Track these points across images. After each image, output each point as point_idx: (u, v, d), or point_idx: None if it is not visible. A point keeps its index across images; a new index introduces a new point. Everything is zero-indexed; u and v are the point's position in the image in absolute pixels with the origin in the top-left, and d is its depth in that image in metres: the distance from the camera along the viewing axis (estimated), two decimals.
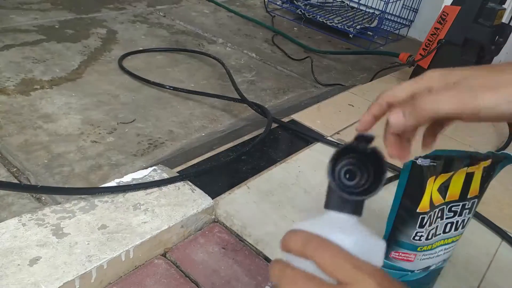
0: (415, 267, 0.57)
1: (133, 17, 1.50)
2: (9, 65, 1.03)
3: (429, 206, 0.52)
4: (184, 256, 0.62)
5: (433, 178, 0.51)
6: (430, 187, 0.52)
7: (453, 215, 0.54)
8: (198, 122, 0.95)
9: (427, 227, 0.53)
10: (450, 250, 0.57)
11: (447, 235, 0.55)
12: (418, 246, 0.55)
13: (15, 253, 0.53)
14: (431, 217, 0.53)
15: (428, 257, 0.56)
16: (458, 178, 0.52)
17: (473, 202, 0.54)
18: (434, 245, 0.56)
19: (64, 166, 0.74)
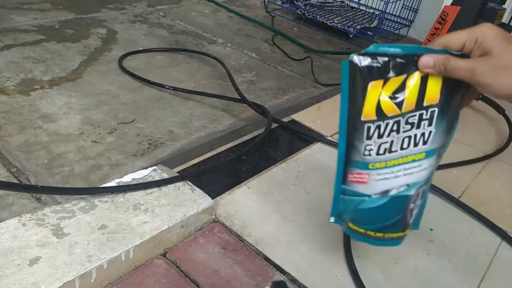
0: (371, 190, 0.50)
1: (133, 17, 1.50)
2: (9, 65, 1.03)
3: (375, 114, 0.46)
4: (184, 256, 0.62)
5: (379, 82, 0.45)
6: (376, 92, 0.45)
7: (410, 127, 0.46)
8: (198, 122, 0.95)
9: (375, 139, 0.47)
10: (414, 172, 0.48)
11: (406, 152, 0.47)
12: (369, 163, 0.48)
13: (15, 253, 0.53)
14: (381, 129, 0.46)
15: (385, 178, 0.48)
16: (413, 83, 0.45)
17: (432, 111, 0.45)
18: (389, 163, 0.48)
19: (64, 166, 0.75)
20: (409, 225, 0.52)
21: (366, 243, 0.55)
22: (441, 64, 0.43)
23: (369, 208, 0.50)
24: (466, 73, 0.42)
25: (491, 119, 1.23)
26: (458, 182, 0.90)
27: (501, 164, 1.01)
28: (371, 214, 0.51)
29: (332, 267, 0.64)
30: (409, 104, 0.45)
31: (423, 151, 0.47)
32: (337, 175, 0.52)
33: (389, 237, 0.52)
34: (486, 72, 0.41)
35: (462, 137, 1.09)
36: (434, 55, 0.44)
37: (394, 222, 0.51)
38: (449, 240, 0.74)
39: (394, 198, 0.49)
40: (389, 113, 0.45)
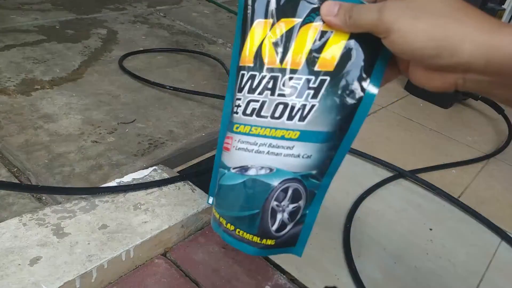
0: (231, 161, 0.39)
1: (134, 18, 1.50)
2: (9, 65, 1.03)
3: (252, 60, 0.36)
4: (184, 256, 0.62)
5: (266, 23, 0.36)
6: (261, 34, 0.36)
7: (289, 92, 0.36)
8: (199, 122, 0.95)
9: (246, 92, 0.37)
10: (281, 154, 0.37)
11: (277, 123, 0.36)
12: (234, 123, 0.39)
13: (16, 252, 0.53)
14: (254, 80, 0.37)
15: (246, 148, 0.38)
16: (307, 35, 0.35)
17: (322, 80, 0.35)
18: (254, 130, 0.37)
19: (64, 166, 0.75)
20: (270, 233, 0.40)
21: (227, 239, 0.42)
22: (347, 11, 0.34)
23: (226, 185, 0.40)
24: (374, 17, 0.32)
25: (491, 119, 1.23)
26: (458, 182, 0.91)
27: (501, 164, 1.01)
28: (226, 194, 0.40)
29: (332, 267, 0.64)
30: (295, 61, 0.35)
31: (297, 130, 0.36)
32: (218, 143, 0.42)
33: (241, 236, 0.41)
34: (398, 12, 0.31)
35: (461, 137, 1.09)
36: (341, 2, 0.35)
37: (249, 216, 0.40)
38: (448, 240, 0.74)
39: (252, 180, 0.38)
40: (268, 63, 0.36)
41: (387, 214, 0.78)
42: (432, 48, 0.30)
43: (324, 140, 0.37)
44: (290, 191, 0.39)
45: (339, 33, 0.35)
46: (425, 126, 1.12)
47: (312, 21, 0.35)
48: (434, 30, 0.30)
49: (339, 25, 0.35)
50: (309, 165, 0.38)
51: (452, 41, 0.29)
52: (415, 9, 0.31)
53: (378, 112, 1.14)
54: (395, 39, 0.31)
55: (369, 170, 0.89)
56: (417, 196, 0.84)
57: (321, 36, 0.35)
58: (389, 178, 0.87)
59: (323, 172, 0.39)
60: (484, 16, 0.30)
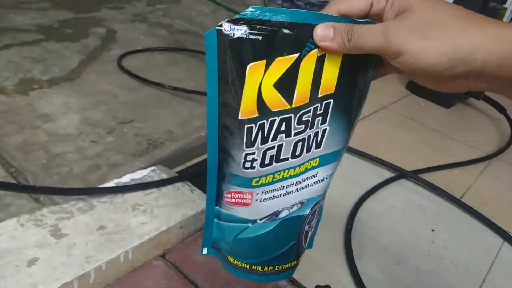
0: (256, 214, 0.38)
1: (133, 17, 1.49)
2: (7, 65, 1.03)
3: (256, 109, 0.33)
4: (183, 257, 0.62)
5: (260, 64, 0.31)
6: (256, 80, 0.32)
7: (304, 128, 0.34)
8: (198, 122, 0.94)
9: (259, 145, 0.34)
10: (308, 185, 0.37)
11: (298, 161, 0.35)
12: (252, 178, 0.36)
13: (13, 254, 0.53)
14: (264, 130, 0.34)
15: (272, 196, 0.37)
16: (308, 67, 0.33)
17: (327, 103, 0.34)
18: (277, 176, 0.36)
19: (62, 167, 0.74)
20: (303, 250, 0.42)
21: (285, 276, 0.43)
22: (345, 33, 0.32)
23: (254, 237, 0.38)
24: (379, 40, 0.30)
25: (493, 119, 1.23)
26: (460, 183, 0.90)
27: (503, 164, 1.00)
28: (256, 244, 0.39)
29: (333, 268, 0.64)
30: (302, 96, 0.33)
31: (317, 157, 0.36)
32: (208, 193, 0.39)
33: (280, 269, 0.41)
34: (406, 33, 0.30)
35: (463, 137, 1.09)
36: (334, 23, 0.32)
37: (286, 250, 0.40)
38: (450, 241, 0.73)
39: (286, 221, 0.38)
40: (274, 107, 0.33)
41: (388, 215, 0.77)
42: (444, 63, 0.30)
43: (338, 157, 0.38)
44: (317, 211, 0.40)
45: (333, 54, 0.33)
46: (427, 126, 1.11)
47: (310, 51, 0.32)
48: (444, 45, 0.29)
49: (337, 49, 0.32)
50: (329, 182, 0.39)
51: (463, 53, 0.29)
52: (421, 27, 0.30)
53: (379, 111, 1.13)
54: (406, 60, 0.30)
55: (370, 170, 0.89)
56: (419, 197, 0.83)
57: (318, 62, 0.33)
58: (391, 178, 0.86)
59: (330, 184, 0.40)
60: (489, 21, 0.30)
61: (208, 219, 0.40)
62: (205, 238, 0.41)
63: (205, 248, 0.42)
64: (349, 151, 0.92)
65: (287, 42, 0.31)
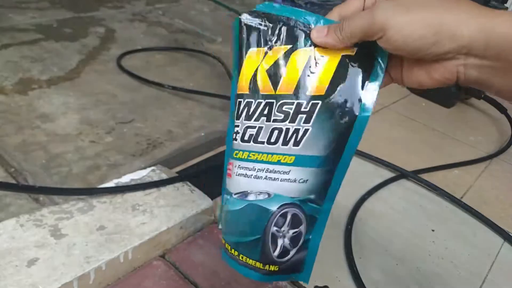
0: (233, 187, 0.40)
1: (132, 16, 1.49)
2: (6, 65, 1.02)
3: (248, 88, 0.37)
4: (183, 258, 0.62)
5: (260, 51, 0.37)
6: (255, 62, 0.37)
7: (283, 117, 0.36)
8: (198, 122, 0.94)
9: (243, 119, 0.38)
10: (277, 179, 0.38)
11: (273, 148, 0.37)
12: (234, 149, 0.39)
13: (13, 254, 0.53)
14: (250, 107, 0.37)
15: (245, 174, 0.39)
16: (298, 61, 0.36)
17: (314, 104, 0.36)
18: (252, 156, 0.38)
19: (62, 167, 0.74)
20: (272, 259, 0.40)
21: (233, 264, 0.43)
22: (336, 28, 0.34)
23: (230, 211, 0.40)
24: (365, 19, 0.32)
25: (494, 118, 1.23)
26: (461, 183, 0.90)
27: (504, 165, 1.00)
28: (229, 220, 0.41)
29: (333, 268, 0.64)
30: (287, 86, 0.36)
31: (293, 154, 0.37)
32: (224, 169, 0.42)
33: (244, 261, 0.41)
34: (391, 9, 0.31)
35: (464, 137, 1.08)
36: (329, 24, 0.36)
37: (251, 242, 0.40)
38: (451, 241, 0.73)
39: (252, 206, 0.39)
40: (263, 90, 0.36)
41: (389, 215, 0.77)
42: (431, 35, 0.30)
43: (319, 165, 0.37)
44: (289, 216, 0.39)
45: (329, 57, 0.36)
46: (428, 126, 1.11)
47: (303, 46, 0.36)
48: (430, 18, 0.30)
49: (332, 43, 0.35)
50: (306, 189, 0.38)
51: (449, 27, 0.30)
52: (406, 4, 0.31)
53: (380, 111, 1.13)
54: (392, 35, 0.31)
55: (371, 170, 0.89)
56: (419, 197, 0.83)
57: (312, 61, 0.36)
58: (391, 178, 0.86)
59: (322, 196, 0.39)
60: (475, 4, 0.30)
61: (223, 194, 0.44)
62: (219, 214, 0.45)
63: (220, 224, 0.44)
64: None
65: (285, 34, 0.36)
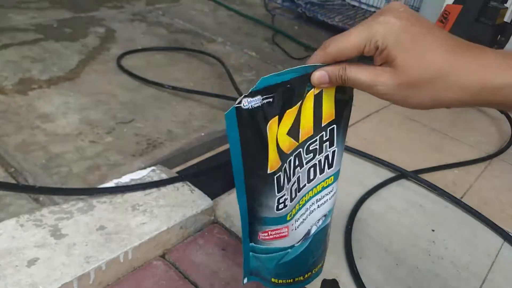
0: (293, 240, 0.43)
1: (132, 16, 1.49)
2: (6, 65, 1.03)
3: (279, 159, 0.38)
4: (183, 258, 0.62)
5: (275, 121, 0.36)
6: (274, 134, 0.37)
7: (313, 156, 0.40)
8: (198, 122, 0.94)
9: (287, 186, 0.39)
10: (327, 199, 0.43)
11: (314, 183, 0.42)
12: (286, 214, 0.41)
13: (13, 254, 0.53)
14: (287, 172, 0.39)
15: (302, 220, 0.43)
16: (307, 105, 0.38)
17: (331, 129, 0.40)
18: (301, 202, 0.42)
19: (62, 167, 0.74)
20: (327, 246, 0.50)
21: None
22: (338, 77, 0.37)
23: (294, 258, 0.44)
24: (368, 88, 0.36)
25: (494, 119, 1.23)
26: (460, 183, 0.90)
27: (504, 165, 1.00)
28: (296, 262, 0.45)
29: (333, 268, 0.64)
30: (306, 131, 0.39)
31: (331, 175, 0.42)
32: (243, 235, 0.44)
33: (316, 270, 0.50)
34: (390, 90, 0.36)
35: (464, 137, 1.08)
36: (328, 67, 0.37)
37: (319, 255, 0.47)
38: (451, 241, 0.73)
39: (317, 234, 0.44)
40: (288, 150, 0.38)
41: (388, 215, 0.77)
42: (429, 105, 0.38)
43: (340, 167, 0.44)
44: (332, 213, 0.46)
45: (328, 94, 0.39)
46: (427, 126, 1.11)
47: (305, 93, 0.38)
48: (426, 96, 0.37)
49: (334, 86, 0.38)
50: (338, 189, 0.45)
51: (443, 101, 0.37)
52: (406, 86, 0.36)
53: (380, 111, 1.13)
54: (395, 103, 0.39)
55: (370, 170, 0.89)
56: (419, 197, 0.83)
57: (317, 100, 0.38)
58: (391, 178, 0.86)
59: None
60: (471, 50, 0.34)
61: (245, 255, 0.46)
62: (244, 270, 0.47)
63: (245, 278, 0.48)
64: (349, 151, 0.92)
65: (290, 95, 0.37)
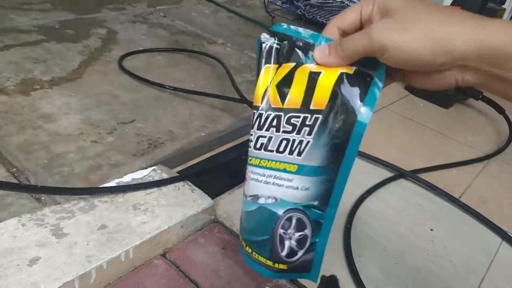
0: (247, 189, 0.45)
1: (133, 17, 1.50)
2: (9, 65, 1.03)
3: (261, 100, 0.41)
4: (183, 257, 0.62)
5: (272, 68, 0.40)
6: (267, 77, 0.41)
7: (291, 129, 0.40)
8: (198, 122, 0.95)
9: (255, 129, 0.42)
10: (282, 185, 0.42)
11: (280, 157, 0.41)
12: (249, 156, 0.44)
13: (15, 253, 0.53)
14: (261, 118, 0.41)
15: (256, 178, 0.43)
16: (301, 77, 0.39)
17: (316, 118, 0.39)
18: (263, 163, 0.42)
19: (63, 166, 0.74)
20: (281, 258, 0.44)
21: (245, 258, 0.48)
22: (337, 48, 0.36)
23: (245, 211, 0.45)
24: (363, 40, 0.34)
25: (491, 119, 1.23)
26: (459, 182, 0.90)
27: (502, 164, 1.00)
28: (244, 219, 0.46)
29: (332, 267, 0.64)
30: (294, 101, 0.39)
31: (295, 163, 0.41)
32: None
33: (256, 259, 0.45)
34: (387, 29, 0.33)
35: (462, 137, 1.09)
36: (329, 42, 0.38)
37: (262, 241, 0.44)
38: (449, 240, 0.74)
39: (262, 208, 0.43)
40: (272, 103, 0.40)
41: (387, 215, 0.77)
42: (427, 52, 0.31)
43: (319, 174, 0.40)
44: (294, 220, 0.42)
45: (328, 73, 0.38)
46: (426, 126, 1.11)
47: (304, 63, 0.39)
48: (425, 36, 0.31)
49: (336, 62, 0.37)
50: (309, 196, 0.41)
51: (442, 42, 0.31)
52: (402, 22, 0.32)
53: (378, 112, 1.14)
54: (391, 54, 0.33)
55: (369, 170, 0.89)
56: (418, 196, 0.83)
57: (313, 77, 0.39)
58: (390, 178, 0.86)
59: (325, 203, 0.42)
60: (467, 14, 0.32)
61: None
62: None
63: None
64: None
65: (292, 53, 0.40)
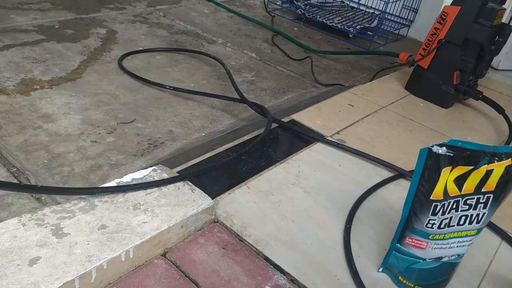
0: (427, 255, 0.59)
1: (133, 17, 1.50)
2: (9, 65, 1.03)
3: (442, 195, 0.54)
4: (184, 256, 0.62)
5: (448, 169, 0.53)
6: (445, 176, 0.54)
7: (467, 208, 0.56)
8: (198, 122, 0.95)
9: (439, 215, 0.56)
10: (465, 245, 0.59)
11: (461, 228, 0.57)
12: (430, 234, 0.57)
13: (15, 253, 0.53)
14: (444, 207, 0.55)
15: (440, 247, 0.58)
16: (477, 174, 0.54)
17: (488, 197, 0.55)
18: (447, 236, 0.57)
19: (64, 166, 0.74)
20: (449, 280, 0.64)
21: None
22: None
23: (422, 268, 0.60)
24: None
25: (491, 119, 1.23)
26: None
27: None
28: (422, 273, 0.60)
29: (332, 267, 0.64)
30: (469, 188, 0.54)
31: (476, 229, 0.57)
32: (395, 234, 0.61)
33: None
34: None
35: (462, 137, 1.09)
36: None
37: (441, 281, 0.62)
38: None
39: (445, 264, 0.60)
40: (451, 193, 0.55)
41: (387, 215, 0.77)
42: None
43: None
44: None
45: (498, 169, 0.53)
46: (426, 126, 1.11)
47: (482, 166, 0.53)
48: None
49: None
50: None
51: None
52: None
53: (378, 112, 1.14)
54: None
55: (369, 170, 0.89)
56: None
57: (487, 174, 0.53)
58: (390, 178, 0.87)
59: None
60: None
61: (390, 250, 0.62)
62: (384, 261, 0.64)
63: (381, 267, 0.65)
64: (348, 151, 0.92)
65: (465, 160, 0.53)
